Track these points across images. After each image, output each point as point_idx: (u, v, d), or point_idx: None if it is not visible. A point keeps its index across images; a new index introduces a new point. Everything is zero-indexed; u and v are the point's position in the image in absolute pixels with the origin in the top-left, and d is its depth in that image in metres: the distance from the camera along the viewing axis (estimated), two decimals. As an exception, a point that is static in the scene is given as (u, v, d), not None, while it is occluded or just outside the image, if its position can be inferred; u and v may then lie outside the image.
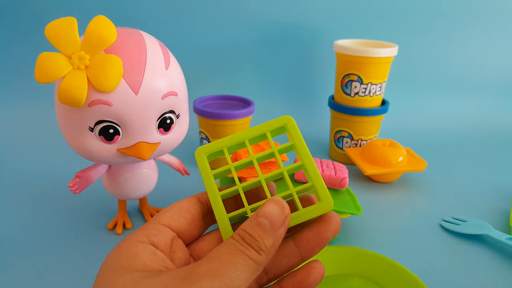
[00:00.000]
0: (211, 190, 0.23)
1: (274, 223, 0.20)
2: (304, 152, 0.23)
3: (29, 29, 0.79)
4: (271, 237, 0.20)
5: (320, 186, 0.23)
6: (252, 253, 0.19)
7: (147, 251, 0.20)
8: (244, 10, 0.82)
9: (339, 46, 0.64)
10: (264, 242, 0.20)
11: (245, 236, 0.20)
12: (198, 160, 0.24)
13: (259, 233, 0.20)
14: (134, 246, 0.21)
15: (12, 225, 0.48)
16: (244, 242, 0.20)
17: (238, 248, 0.20)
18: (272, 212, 0.20)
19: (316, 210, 0.22)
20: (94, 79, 0.34)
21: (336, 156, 0.70)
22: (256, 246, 0.20)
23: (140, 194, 0.46)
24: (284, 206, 0.21)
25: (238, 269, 0.19)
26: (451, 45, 0.89)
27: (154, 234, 0.21)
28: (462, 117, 0.90)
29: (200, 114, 0.61)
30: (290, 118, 0.24)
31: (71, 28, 0.33)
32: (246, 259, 0.19)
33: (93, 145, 0.37)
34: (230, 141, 0.24)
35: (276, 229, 0.20)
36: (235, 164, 0.24)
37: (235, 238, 0.20)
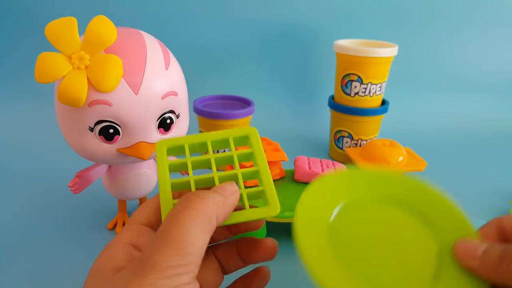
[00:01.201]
0: (162, 178, 0.24)
1: (225, 190, 0.22)
2: (261, 160, 0.25)
3: (29, 29, 0.79)
4: (220, 195, 0.21)
5: (270, 191, 0.24)
6: (195, 203, 0.19)
7: (124, 251, 0.21)
8: (244, 10, 0.82)
9: (339, 46, 0.64)
10: (214, 196, 0.20)
11: (191, 192, 0.21)
12: (157, 151, 0.25)
13: (208, 192, 0.21)
14: (114, 247, 0.21)
15: (12, 225, 0.48)
16: (188, 196, 0.20)
17: (180, 207, 0.19)
18: (223, 185, 0.22)
19: (262, 212, 0.23)
20: (94, 79, 0.34)
21: (336, 156, 0.70)
22: (203, 194, 0.20)
23: (140, 194, 0.46)
24: (234, 184, 0.23)
25: (184, 226, 0.18)
26: (451, 45, 0.89)
27: (135, 235, 0.22)
28: (462, 117, 0.90)
29: (200, 114, 0.61)
30: (253, 129, 0.26)
31: (71, 28, 0.33)
32: (190, 212, 0.19)
33: (93, 145, 0.37)
34: (193, 139, 0.25)
35: (227, 195, 0.21)
36: (193, 159, 0.25)
37: (183, 197, 0.20)
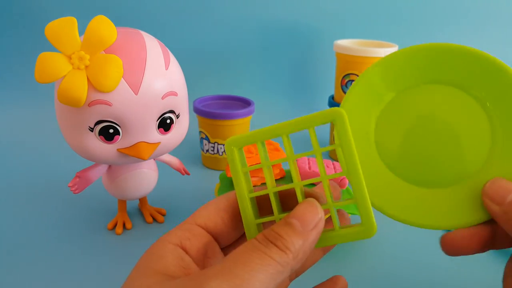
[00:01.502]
0: (239, 189, 0.20)
1: (306, 224, 0.18)
2: (351, 158, 0.19)
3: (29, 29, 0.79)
4: (300, 238, 0.18)
5: (364, 205, 0.19)
6: (273, 252, 0.17)
7: (174, 255, 0.19)
8: (244, 10, 0.82)
9: (339, 46, 0.64)
10: (292, 241, 0.18)
11: (270, 234, 0.18)
12: (228, 155, 0.21)
13: (287, 231, 0.18)
14: (163, 247, 0.19)
15: (11, 225, 0.48)
16: (266, 241, 0.18)
17: (257, 247, 0.17)
18: (304, 212, 0.18)
19: (355, 234, 0.19)
20: (94, 79, 0.34)
21: (336, 156, 0.70)
22: (282, 244, 0.17)
23: (140, 194, 0.46)
24: (318, 207, 0.19)
25: (254, 269, 0.16)
26: (451, 45, 0.89)
27: (187, 237, 0.20)
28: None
29: (200, 114, 0.61)
30: (340, 112, 0.20)
31: (71, 28, 0.33)
32: (265, 258, 0.17)
33: (93, 145, 0.37)
34: (266, 134, 0.21)
35: (308, 230, 0.18)
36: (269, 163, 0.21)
37: (257, 237, 0.18)
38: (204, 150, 0.65)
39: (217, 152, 0.63)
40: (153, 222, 0.49)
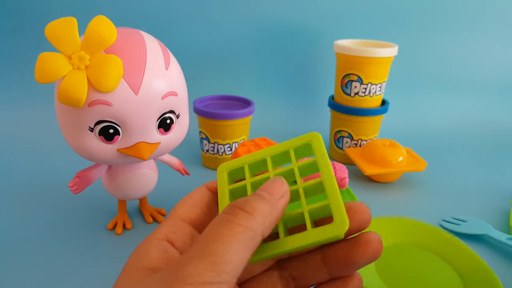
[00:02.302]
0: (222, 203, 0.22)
1: (273, 194, 0.19)
2: (325, 168, 0.21)
3: (29, 29, 0.79)
4: (267, 204, 0.18)
5: (336, 205, 0.20)
6: (241, 217, 0.18)
7: (158, 249, 0.20)
8: (244, 10, 0.82)
9: (339, 46, 0.64)
10: (260, 205, 0.18)
11: (237, 201, 0.18)
12: (219, 177, 0.23)
13: (254, 198, 0.19)
14: (148, 243, 0.20)
15: (11, 225, 0.48)
16: (234, 208, 0.18)
17: (225, 218, 0.18)
18: (271, 185, 0.20)
19: (326, 231, 0.20)
20: (94, 79, 0.34)
21: (336, 156, 0.70)
22: (249, 207, 0.18)
23: (140, 194, 0.46)
24: (284, 182, 0.20)
25: (225, 241, 0.17)
26: (451, 45, 0.89)
27: (172, 231, 0.21)
28: (462, 117, 0.90)
29: (200, 114, 0.61)
30: (316, 134, 0.23)
31: (71, 28, 0.33)
32: (233, 227, 0.17)
33: (93, 145, 0.37)
34: (253, 157, 0.24)
35: (275, 199, 0.19)
36: (252, 179, 0.23)
37: (225, 210, 0.18)
38: (204, 150, 0.65)
39: (217, 152, 0.63)
40: (153, 222, 0.49)
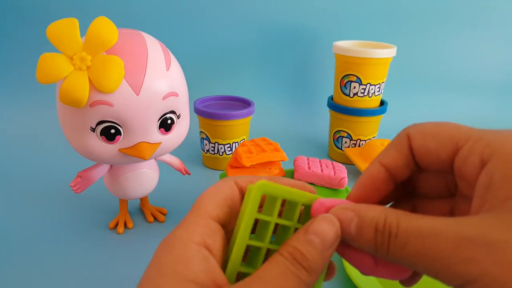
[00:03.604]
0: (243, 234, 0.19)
1: (325, 241, 0.18)
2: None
3: (30, 30, 0.79)
4: (321, 258, 0.18)
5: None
6: (303, 274, 0.17)
7: (200, 257, 0.18)
8: (244, 11, 0.82)
9: (338, 47, 0.64)
10: (315, 261, 0.18)
11: (295, 254, 0.18)
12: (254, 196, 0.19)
13: (309, 251, 0.18)
14: (187, 247, 0.18)
15: (13, 225, 0.48)
16: (295, 262, 0.18)
17: (290, 269, 0.17)
18: (323, 229, 0.18)
19: None
20: (95, 80, 0.34)
21: (335, 156, 0.71)
22: (307, 265, 0.17)
23: (141, 193, 0.46)
24: (336, 224, 0.18)
25: None
26: (449, 46, 0.90)
27: (207, 233, 0.19)
28: (461, 117, 0.91)
29: (201, 115, 0.61)
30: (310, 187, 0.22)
31: (73, 29, 0.34)
32: (299, 282, 0.17)
33: (94, 145, 0.38)
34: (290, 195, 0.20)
35: (326, 249, 0.18)
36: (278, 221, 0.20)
37: (284, 255, 0.18)
38: (204, 150, 0.65)
39: (218, 152, 0.64)
40: (154, 222, 0.50)
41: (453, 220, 0.16)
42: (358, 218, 0.18)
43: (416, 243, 0.16)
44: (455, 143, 0.18)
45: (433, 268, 0.15)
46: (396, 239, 0.16)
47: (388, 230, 0.17)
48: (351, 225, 0.18)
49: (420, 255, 0.16)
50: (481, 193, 0.16)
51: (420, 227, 0.16)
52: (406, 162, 0.20)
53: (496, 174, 0.16)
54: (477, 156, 0.17)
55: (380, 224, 0.17)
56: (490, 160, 0.16)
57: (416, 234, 0.16)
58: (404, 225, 0.16)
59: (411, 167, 0.21)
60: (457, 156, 0.18)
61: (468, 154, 0.18)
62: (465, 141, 0.18)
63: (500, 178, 0.16)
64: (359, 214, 0.18)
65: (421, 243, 0.16)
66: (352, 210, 0.18)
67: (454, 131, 0.19)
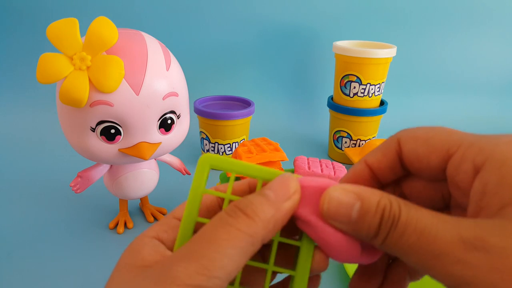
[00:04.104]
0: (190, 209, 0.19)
1: (280, 194, 0.17)
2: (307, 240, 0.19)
3: (30, 30, 0.79)
4: (272, 207, 0.17)
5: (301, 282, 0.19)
6: (241, 222, 0.16)
7: (150, 246, 0.18)
8: (244, 11, 0.82)
9: (338, 47, 0.64)
10: (263, 208, 0.17)
11: (240, 202, 0.17)
12: (199, 169, 0.19)
13: (259, 199, 0.17)
14: (140, 242, 0.19)
15: (13, 225, 0.48)
16: (234, 209, 0.17)
17: (223, 220, 0.16)
18: (278, 183, 0.18)
19: None
20: (95, 80, 0.34)
21: (335, 156, 0.71)
22: (251, 211, 0.16)
23: (141, 193, 0.46)
24: (293, 179, 0.18)
25: (221, 245, 0.16)
26: (449, 46, 0.90)
27: (164, 229, 0.19)
28: (460, 117, 0.91)
29: (201, 115, 0.61)
30: None
31: (73, 29, 0.34)
32: (232, 232, 0.16)
33: (94, 145, 0.38)
34: (244, 169, 0.19)
35: (281, 201, 0.17)
36: (233, 198, 0.19)
37: (226, 210, 0.17)
38: (204, 150, 0.65)
39: (218, 152, 0.64)
40: (154, 222, 0.50)
41: (452, 219, 0.15)
42: (362, 202, 0.17)
43: (413, 235, 0.15)
44: (446, 149, 0.18)
45: (426, 264, 0.15)
46: (395, 229, 0.16)
47: (392, 218, 0.16)
48: (352, 209, 0.17)
49: (416, 248, 0.15)
50: (476, 200, 0.16)
51: (419, 219, 0.15)
52: (391, 166, 0.20)
53: (490, 181, 0.16)
54: (469, 163, 0.17)
55: (387, 210, 0.16)
56: (484, 167, 0.16)
57: (414, 226, 0.15)
58: (404, 214, 0.16)
59: (396, 171, 0.20)
60: (449, 163, 0.18)
61: (460, 161, 0.17)
62: (456, 147, 0.18)
63: (495, 185, 0.15)
64: (362, 198, 0.17)
65: (417, 236, 0.15)
66: (353, 192, 0.17)
67: (445, 136, 0.18)
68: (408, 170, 0.20)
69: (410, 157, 0.19)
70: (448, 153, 0.18)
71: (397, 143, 0.20)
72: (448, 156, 0.18)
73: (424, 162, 0.19)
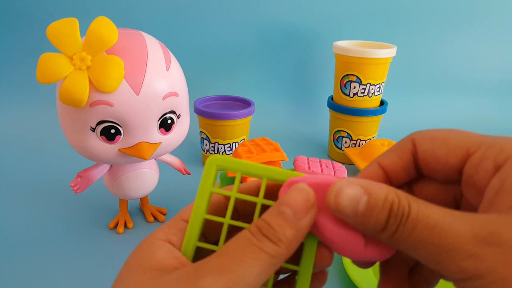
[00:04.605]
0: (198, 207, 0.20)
1: (298, 211, 0.18)
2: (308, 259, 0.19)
3: (30, 30, 0.79)
4: (292, 228, 0.17)
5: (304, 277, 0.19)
6: (267, 245, 0.17)
7: (164, 249, 0.19)
8: (244, 11, 0.82)
9: (338, 47, 0.64)
10: (285, 232, 0.17)
11: (262, 226, 0.18)
12: (207, 169, 0.20)
13: (279, 222, 0.17)
14: (152, 244, 0.19)
15: (13, 225, 0.48)
16: (259, 234, 0.17)
17: (250, 241, 0.17)
18: (295, 199, 0.18)
19: None
20: (95, 80, 0.34)
21: (335, 156, 0.71)
22: (274, 236, 0.17)
23: (141, 193, 0.46)
24: (309, 193, 0.18)
25: (248, 264, 0.17)
26: (449, 46, 0.90)
27: (173, 232, 0.20)
28: (460, 117, 0.91)
29: (201, 115, 0.61)
30: None
31: (73, 29, 0.34)
32: (258, 253, 0.17)
33: (94, 145, 0.38)
34: (249, 168, 0.20)
35: (299, 219, 0.18)
36: (238, 196, 0.20)
37: (250, 229, 0.18)
38: (204, 150, 0.65)
39: (218, 152, 0.64)
40: (154, 222, 0.50)
41: (463, 215, 0.16)
42: (369, 197, 0.17)
43: (424, 230, 0.16)
44: (466, 149, 0.18)
45: (435, 258, 0.15)
46: (406, 223, 0.16)
47: (401, 213, 0.16)
48: (359, 203, 0.17)
49: (426, 243, 0.15)
50: (490, 197, 0.16)
51: (430, 214, 0.16)
52: (405, 167, 0.20)
53: (508, 179, 0.16)
54: (490, 161, 0.17)
55: (395, 205, 0.16)
56: (504, 165, 0.16)
57: (426, 221, 0.16)
58: (415, 210, 0.16)
59: (410, 173, 0.20)
60: (468, 162, 0.18)
61: (480, 160, 0.17)
62: (477, 147, 0.18)
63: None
64: (370, 192, 0.17)
65: (429, 231, 0.15)
66: (360, 186, 0.17)
67: (465, 137, 0.19)
68: (422, 171, 0.20)
69: (427, 158, 0.19)
70: (468, 152, 0.18)
71: (412, 144, 0.20)
72: (467, 156, 0.18)
73: (441, 162, 0.19)
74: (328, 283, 0.40)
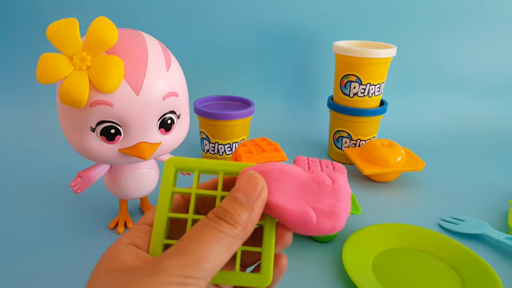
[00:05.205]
0: (161, 207, 0.21)
1: (249, 195, 0.20)
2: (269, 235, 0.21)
3: (30, 30, 0.79)
4: (246, 210, 0.20)
5: (267, 256, 0.21)
6: (224, 226, 0.19)
7: (129, 252, 0.20)
8: (244, 11, 0.82)
9: (338, 47, 0.64)
10: (239, 214, 0.19)
11: (219, 212, 0.20)
12: (166, 171, 0.22)
13: (233, 206, 0.20)
14: (117, 248, 0.21)
15: (13, 225, 0.48)
16: (216, 218, 0.19)
17: (208, 224, 0.19)
18: (246, 185, 0.20)
19: (250, 280, 0.21)
20: (95, 80, 0.34)
21: (335, 156, 0.71)
22: (231, 219, 0.19)
23: (141, 193, 0.46)
24: (258, 177, 0.21)
25: (208, 243, 0.18)
26: (449, 46, 0.90)
27: (138, 236, 0.21)
28: (460, 117, 0.91)
29: (201, 115, 0.61)
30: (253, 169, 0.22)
31: (73, 29, 0.34)
32: (217, 233, 0.19)
33: (94, 145, 0.38)
34: (205, 165, 0.22)
35: (252, 201, 0.20)
36: (199, 192, 0.22)
37: (208, 216, 0.20)
38: (204, 150, 0.65)
39: (218, 152, 0.64)
40: (154, 222, 0.50)
41: None
42: None
43: None
44: None
45: None
46: None
47: None
48: None
49: None
50: None
51: None
52: None
53: None
54: None
55: None
56: None
57: None
58: None
59: None
60: None
61: None
62: None
63: None
64: None
65: None
66: None
67: None
68: None
69: None
70: None
71: None
72: None
73: None
74: (328, 283, 0.40)
